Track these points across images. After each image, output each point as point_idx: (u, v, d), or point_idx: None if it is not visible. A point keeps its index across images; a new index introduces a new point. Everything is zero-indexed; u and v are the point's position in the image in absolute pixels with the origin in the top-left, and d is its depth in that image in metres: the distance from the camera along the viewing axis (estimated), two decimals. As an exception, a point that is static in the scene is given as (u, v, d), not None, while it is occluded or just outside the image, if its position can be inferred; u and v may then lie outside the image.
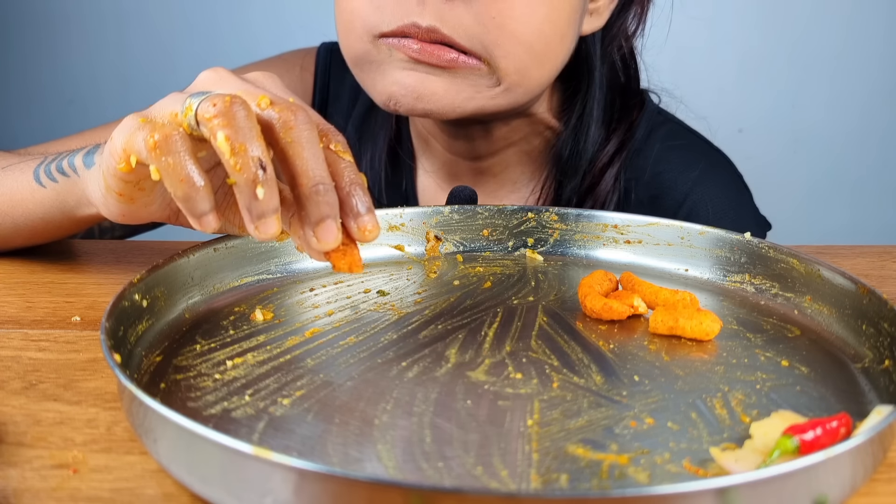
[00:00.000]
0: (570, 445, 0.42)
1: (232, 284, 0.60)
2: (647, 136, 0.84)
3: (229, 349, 0.51)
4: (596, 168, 0.82)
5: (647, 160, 0.84)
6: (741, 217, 0.84)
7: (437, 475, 0.39)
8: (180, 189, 0.45)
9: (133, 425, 0.41)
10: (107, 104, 2.19)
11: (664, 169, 0.83)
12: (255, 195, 0.44)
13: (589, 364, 0.50)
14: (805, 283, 0.59)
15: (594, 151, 0.82)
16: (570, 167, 0.82)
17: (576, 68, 0.81)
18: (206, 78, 0.52)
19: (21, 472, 0.40)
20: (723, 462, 0.39)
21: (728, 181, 0.86)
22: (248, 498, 0.35)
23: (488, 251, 0.69)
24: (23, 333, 0.56)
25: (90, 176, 0.57)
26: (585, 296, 0.57)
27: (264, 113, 0.46)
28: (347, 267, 0.48)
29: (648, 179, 0.83)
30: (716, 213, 0.82)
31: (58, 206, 0.63)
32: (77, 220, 0.63)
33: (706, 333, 0.53)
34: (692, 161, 0.84)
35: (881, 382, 0.48)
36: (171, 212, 0.56)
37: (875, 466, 0.39)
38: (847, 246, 0.77)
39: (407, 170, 0.89)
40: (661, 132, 0.85)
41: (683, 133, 0.88)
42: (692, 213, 0.82)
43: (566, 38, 0.73)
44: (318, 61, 0.92)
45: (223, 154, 0.44)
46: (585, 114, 0.82)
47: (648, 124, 0.85)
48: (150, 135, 0.45)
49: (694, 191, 0.82)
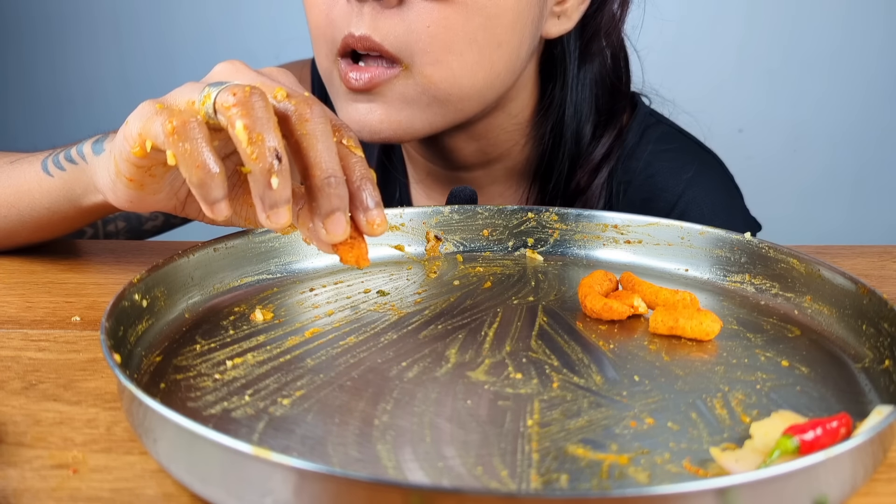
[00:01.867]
0: (570, 445, 0.42)
1: (232, 284, 0.60)
2: (639, 139, 0.84)
3: (229, 349, 0.51)
4: (584, 173, 0.82)
5: (639, 162, 0.83)
6: (732, 218, 0.84)
7: (437, 475, 0.39)
8: (196, 175, 0.45)
9: (133, 425, 0.41)
10: (107, 104, 2.19)
11: (656, 171, 0.83)
12: (270, 184, 0.44)
13: (589, 364, 0.50)
14: (805, 283, 0.59)
15: (583, 152, 0.82)
16: (550, 175, 0.82)
17: (553, 70, 0.81)
18: (223, 69, 0.52)
19: (21, 472, 0.40)
20: (723, 462, 0.39)
21: (719, 184, 0.86)
22: (248, 498, 0.35)
23: (488, 251, 0.69)
24: (23, 333, 0.56)
25: (99, 162, 0.58)
26: (585, 296, 0.57)
27: (280, 105, 0.47)
28: (354, 260, 0.49)
29: (640, 182, 0.83)
30: (707, 215, 0.82)
31: (64, 195, 0.63)
32: (83, 210, 0.64)
33: (706, 333, 0.53)
34: (684, 163, 0.84)
35: (881, 382, 0.48)
36: (178, 202, 0.56)
37: (875, 466, 0.39)
38: (847, 246, 0.77)
39: (400, 181, 0.89)
40: (653, 134, 0.85)
41: (675, 135, 0.88)
42: (684, 215, 0.81)
43: (506, 45, 0.71)
44: (314, 74, 0.92)
45: (240, 143, 0.45)
46: (566, 114, 0.80)
47: (640, 127, 0.85)
48: (168, 120, 0.45)
49: (685, 193, 0.82)
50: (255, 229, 0.61)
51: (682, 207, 0.82)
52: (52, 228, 0.68)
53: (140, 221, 0.87)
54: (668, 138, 0.86)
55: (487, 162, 0.83)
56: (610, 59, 0.83)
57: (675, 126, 0.89)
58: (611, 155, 0.82)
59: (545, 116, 0.82)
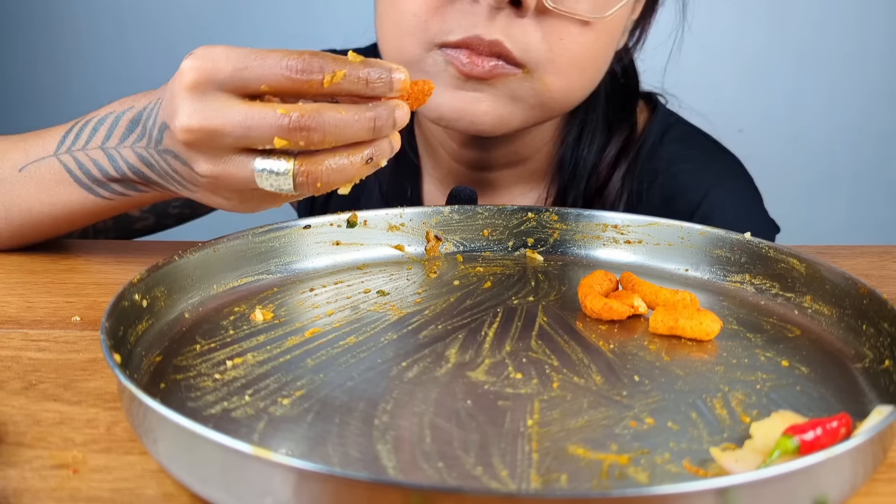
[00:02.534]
0: (570, 445, 0.42)
1: (232, 284, 0.60)
2: (660, 139, 0.85)
3: (229, 349, 0.51)
4: (601, 171, 0.82)
5: (660, 162, 0.84)
6: (756, 220, 0.84)
7: (437, 475, 0.39)
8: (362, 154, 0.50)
9: (133, 425, 0.41)
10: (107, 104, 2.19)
11: (679, 171, 0.84)
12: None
13: (589, 364, 0.50)
14: (805, 283, 0.58)
15: (596, 155, 0.82)
16: (572, 174, 0.83)
17: None
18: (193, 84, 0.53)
19: (21, 472, 0.40)
20: (723, 462, 0.39)
21: (742, 186, 0.87)
22: (248, 498, 0.35)
23: (488, 251, 0.69)
24: (23, 333, 0.56)
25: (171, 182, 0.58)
26: (585, 296, 0.57)
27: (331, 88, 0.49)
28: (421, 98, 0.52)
29: (663, 181, 0.83)
30: (733, 217, 0.82)
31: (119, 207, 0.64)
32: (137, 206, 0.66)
33: (706, 333, 0.53)
34: (707, 164, 0.85)
35: (881, 382, 0.48)
36: None
37: (875, 466, 0.39)
38: (847, 246, 0.77)
39: (412, 176, 0.89)
40: (673, 134, 0.86)
41: (695, 135, 0.88)
42: (707, 217, 0.81)
43: (609, 60, 0.75)
44: None
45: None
46: (589, 121, 0.82)
47: (661, 127, 0.85)
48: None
49: (710, 194, 0.83)
50: (254, 229, 0.61)
51: (707, 208, 0.82)
52: (73, 228, 0.68)
53: (130, 221, 0.87)
54: (690, 138, 0.87)
55: (516, 162, 0.83)
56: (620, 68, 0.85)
57: (694, 126, 0.89)
58: (626, 152, 0.82)
59: (571, 116, 0.83)
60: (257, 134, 0.48)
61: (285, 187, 0.50)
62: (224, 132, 0.49)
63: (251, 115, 0.48)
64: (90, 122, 0.62)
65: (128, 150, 0.59)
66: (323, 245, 0.65)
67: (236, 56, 0.49)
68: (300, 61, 0.47)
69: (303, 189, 0.50)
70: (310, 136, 0.47)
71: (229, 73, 0.49)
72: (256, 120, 0.48)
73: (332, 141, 0.48)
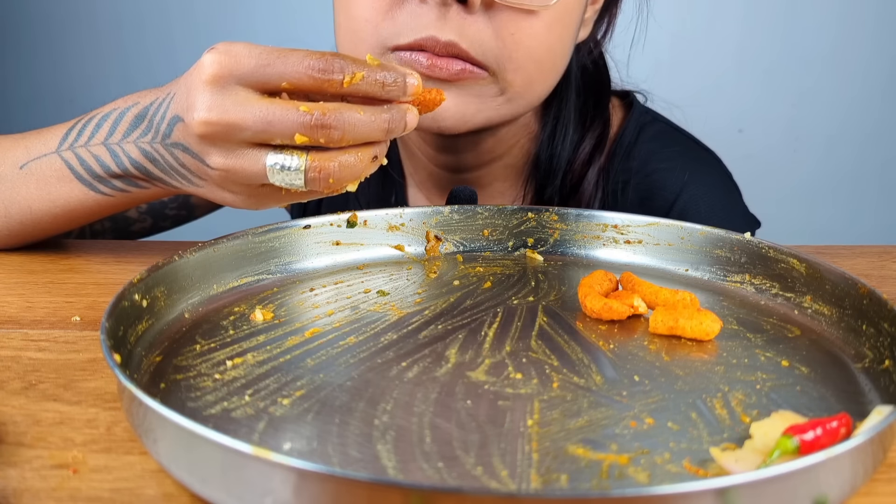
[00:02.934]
0: (570, 445, 0.42)
1: (232, 284, 0.60)
2: (636, 137, 0.84)
3: (229, 349, 0.51)
4: (575, 168, 0.82)
5: (636, 161, 0.84)
6: (731, 216, 0.84)
7: (437, 475, 0.39)
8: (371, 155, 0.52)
9: (133, 425, 0.41)
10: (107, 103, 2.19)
11: (654, 170, 0.83)
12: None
13: (589, 364, 0.50)
14: (805, 283, 0.59)
15: (571, 151, 0.82)
16: (548, 171, 0.83)
17: None
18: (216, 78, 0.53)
19: (21, 472, 0.40)
20: (723, 462, 0.39)
21: (717, 180, 0.87)
22: (248, 498, 0.35)
23: (488, 251, 0.69)
24: (23, 333, 0.56)
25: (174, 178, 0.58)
26: (585, 296, 0.57)
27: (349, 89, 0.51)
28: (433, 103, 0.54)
29: (639, 181, 0.83)
30: (706, 212, 0.82)
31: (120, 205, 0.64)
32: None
33: (706, 333, 0.53)
34: (682, 161, 0.84)
35: (881, 382, 0.48)
36: None
37: (875, 466, 0.39)
38: (847, 246, 0.77)
39: (397, 184, 0.89)
40: (649, 132, 0.85)
41: (672, 133, 0.88)
42: (683, 213, 0.82)
43: (568, 51, 0.75)
44: None
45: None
46: (562, 117, 0.82)
47: (637, 125, 0.85)
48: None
49: (685, 190, 0.83)
50: (254, 229, 0.61)
51: (682, 206, 0.82)
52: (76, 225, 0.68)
53: (127, 222, 0.87)
54: (665, 136, 0.86)
55: (491, 161, 0.83)
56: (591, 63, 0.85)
57: (671, 123, 0.89)
58: (599, 148, 0.82)
59: (545, 112, 0.82)
60: (278, 129, 0.49)
61: (296, 182, 0.51)
62: (243, 126, 0.50)
63: (272, 111, 0.49)
64: (93, 118, 0.62)
65: (131, 145, 0.59)
66: (323, 245, 0.65)
67: (258, 53, 0.50)
68: (322, 61, 0.49)
69: (314, 185, 0.51)
70: (330, 133, 0.49)
71: (251, 69, 0.50)
72: (278, 116, 0.49)
73: (349, 139, 0.50)
